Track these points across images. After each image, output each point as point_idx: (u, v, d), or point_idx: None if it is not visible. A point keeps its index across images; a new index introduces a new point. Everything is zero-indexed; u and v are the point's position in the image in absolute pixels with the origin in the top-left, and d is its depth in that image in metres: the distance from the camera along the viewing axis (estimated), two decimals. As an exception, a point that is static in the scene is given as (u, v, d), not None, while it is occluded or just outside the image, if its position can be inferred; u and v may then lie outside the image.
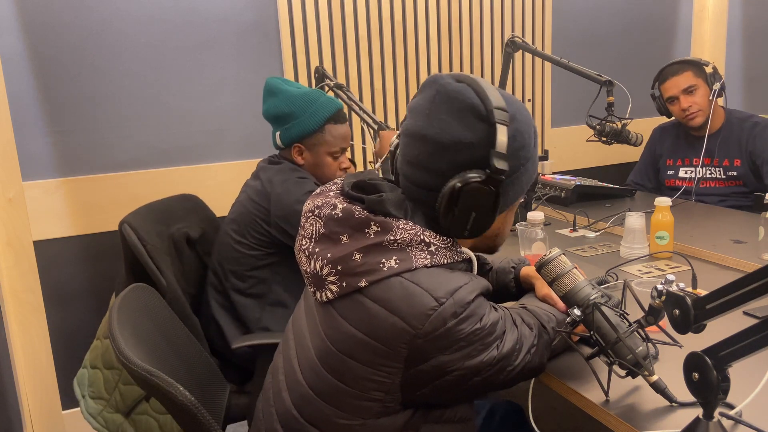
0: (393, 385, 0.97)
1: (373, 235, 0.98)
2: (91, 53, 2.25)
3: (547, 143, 3.12)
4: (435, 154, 0.99)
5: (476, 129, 0.98)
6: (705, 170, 2.53)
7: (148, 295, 1.33)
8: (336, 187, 1.11)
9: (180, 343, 1.33)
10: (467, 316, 0.94)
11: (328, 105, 1.87)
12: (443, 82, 1.01)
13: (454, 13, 2.79)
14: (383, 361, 0.96)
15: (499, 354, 0.99)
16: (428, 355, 0.94)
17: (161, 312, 1.34)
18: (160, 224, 1.81)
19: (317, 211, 1.05)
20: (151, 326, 1.27)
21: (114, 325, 1.09)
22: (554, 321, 1.14)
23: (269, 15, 2.48)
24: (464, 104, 0.99)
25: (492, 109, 0.98)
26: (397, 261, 0.96)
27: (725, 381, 0.87)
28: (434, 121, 0.99)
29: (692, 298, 0.90)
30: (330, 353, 1.00)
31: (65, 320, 2.35)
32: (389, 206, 1.00)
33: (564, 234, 2.08)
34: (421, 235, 0.99)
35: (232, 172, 2.50)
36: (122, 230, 1.67)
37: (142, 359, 1.03)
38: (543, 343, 1.08)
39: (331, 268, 0.99)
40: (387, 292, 0.95)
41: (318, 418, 1.03)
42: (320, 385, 1.02)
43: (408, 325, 0.93)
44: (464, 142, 0.98)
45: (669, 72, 2.49)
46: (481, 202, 0.98)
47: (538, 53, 2.37)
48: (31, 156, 2.23)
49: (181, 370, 1.27)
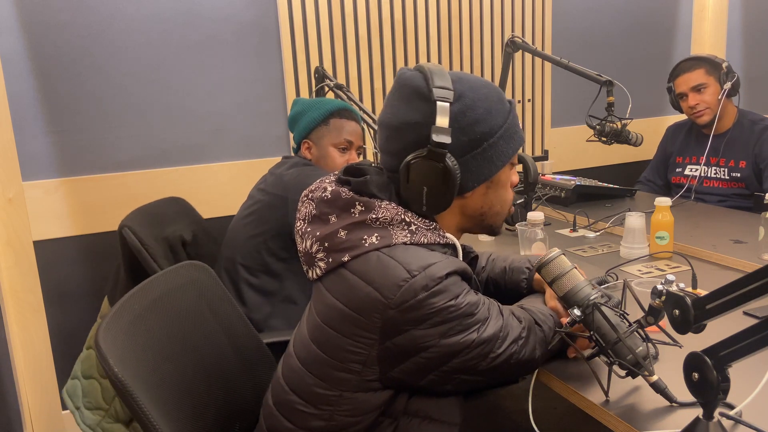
0: (369, 357, 1.01)
1: (357, 214, 1.05)
2: (91, 53, 2.26)
3: (547, 143, 3.12)
4: (390, 138, 1.08)
5: (420, 109, 1.05)
6: (710, 169, 2.53)
7: (200, 272, 1.34)
8: (333, 176, 1.17)
9: (230, 321, 1.35)
10: (439, 291, 0.98)
11: (335, 102, 1.94)
12: (401, 72, 1.10)
13: (454, 13, 2.79)
14: (359, 331, 1.00)
15: (479, 338, 1.01)
16: (401, 327, 0.98)
17: (213, 289, 1.34)
18: (154, 227, 1.81)
19: (310, 195, 1.13)
20: (198, 299, 1.29)
21: (104, 324, 1.07)
22: (551, 321, 1.14)
23: (269, 15, 2.48)
24: (410, 89, 1.06)
25: (432, 88, 1.04)
26: (378, 237, 1.03)
27: (725, 381, 0.87)
28: (389, 109, 1.10)
29: (692, 298, 0.90)
30: (317, 326, 1.07)
31: (65, 320, 2.35)
32: (372, 187, 1.06)
33: (564, 234, 2.08)
34: (403, 215, 1.05)
35: (232, 172, 2.50)
36: (123, 234, 1.66)
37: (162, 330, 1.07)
38: (534, 339, 1.09)
39: (319, 246, 1.07)
40: (365, 265, 1.01)
41: (300, 387, 1.09)
42: (306, 356, 1.08)
43: (381, 295, 0.98)
44: (410, 123, 1.05)
45: (681, 68, 2.50)
46: (429, 176, 1.04)
47: (538, 53, 2.37)
48: (31, 156, 2.23)
49: (228, 349, 1.30)
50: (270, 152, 2.54)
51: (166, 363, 1.13)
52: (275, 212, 1.80)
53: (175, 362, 1.16)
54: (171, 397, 1.10)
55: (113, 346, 1.01)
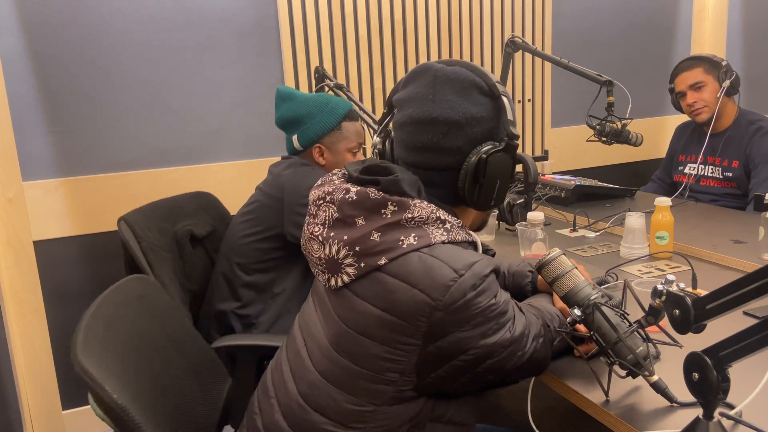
0: (409, 365, 0.97)
1: (390, 214, 0.99)
2: (91, 53, 2.25)
3: (547, 143, 3.12)
4: (450, 133, 1.03)
5: (483, 104, 1.04)
6: (707, 168, 2.54)
7: (145, 286, 1.33)
8: (337, 176, 1.11)
9: (179, 334, 1.33)
10: (484, 289, 0.96)
11: (343, 103, 1.93)
12: (437, 68, 1.06)
13: (454, 13, 2.79)
14: (401, 337, 0.95)
15: (512, 336, 1.00)
16: (447, 329, 0.95)
17: (160, 303, 1.33)
18: (164, 221, 1.82)
19: (329, 197, 1.05)
20: (148, 317, 1.27)
21: (84, 320, 1.07)
22: (557, 321, 1.14)
23: (269, 15, 2.48)
24: (467, 83, 1.04)
25: (493, 83, 1.04)
26: (415, 237, 0.97)
27: (725, 381, 0.87)
28: (442, 103, 1.03)
29: (692, 298, 0.90)
30: (345, 335, 1.00)
31: (65, 320, 2.35)
32: (405, 186, 1.01)
33: (564, 234, 2.08)
34: (437, 212, 1.01)
35: (232, 172, 2.50)
36: (119, 226, 1.69)
37: (120, 352, 1.03)
38: (548, 338, 1.09)
39: (348, 250, 0.99)
40: (406, 267, 0.96)
41: (326, 405, 1.01)
42: (332, 370, 1.01)
43: (428, 296, 0.93)
44: (476, 117, 1.03)
45: (681, 67, 2.51)
46: (503, 170, 1.05)
47: (538, 53, 2.37)
48: (31, 156, 2.23)
49: (176, 358, 1.28)
50: (270, 152, 2.54)
51: (126, 388, 1.05)
52: (271, 213, 1.82)
53: (134, 385, 1.09)
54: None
55: (98, 368, 0.99)
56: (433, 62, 1.08)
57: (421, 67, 1.08)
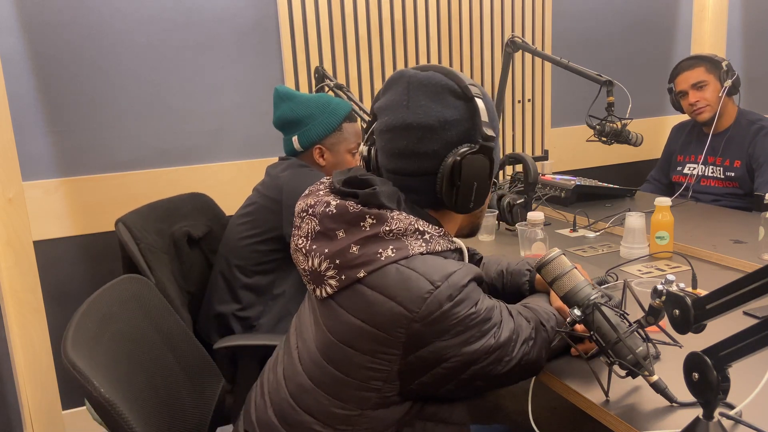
0: (391, 373, 0.98)
1: (369, 227, 1.00)
2: (91, 53, 2.26)
3: (547, 143, 3.12)
4: (425, 138, 1.04)
5: (457, 107, 1.04)
6: (707, 168, 2.54)
7: (139, 285, 1.33)
8: (324, 186, 1.13)
9: (172, 334, 1.33)
10: (462, 299, 0.96)
11: (343, 104, 1.93)
12: (411, 74, 1.07)
13: (454, 13, 2.79)
14: (382, 348, 0.97)
15: (496, 343, 1.00)
16: (426, 340, 0.96)
17: (154, 303, 1.33)
18: (161, 222, 1.82)
19: (311, 210, 1.07)
20: (141, 316, 1.27)
21: (76, 317, 1.07)
22: (554, 320, 1.14)
23: (269, 15, 2.48)
24: (439, 87, 1.05)
25: (466, 86, 1.05)
26: (393, 250, 0.98)
27: (725, 381, 0.87)
28: (416, 109, 1.04)
29: (692, 298, 0.90)
30: (331, 344, 1.02)
31: (65, 320, 2.32)
32: (383, 198, 1.02)
33: (564, 234, 2.08)
34: (416, 224, 1.02)
35: (232, 172, 2.50)
36: (117, 228, 1.68)
37: (112, 349, 1.04)
38: (541, 339, 1.09)
39: (329, 263, 1.01)
40: (384, 279, 0.97)
41: (314, 407, 1.04)
42: (320, 376, 1.03)
43: (405, 309, 0.94)
44: (450, 120, 1.04)
45: (682, 67, 2.51)
46: (479, 171, 1.04)
47: (538, 53, 2.37)
48: (31, 156, 2.23)
49: (169, 358, 1.28)
50: (270, 152, 2.54)
51: (117, 385, 1.06)
52: (269, 215, 1.81)
53: (124, 383, 1.10)
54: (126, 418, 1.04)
55: (88, 363, 1.00)
56: (408, 69, 1.10)
57: (397, 74, 1.10)
